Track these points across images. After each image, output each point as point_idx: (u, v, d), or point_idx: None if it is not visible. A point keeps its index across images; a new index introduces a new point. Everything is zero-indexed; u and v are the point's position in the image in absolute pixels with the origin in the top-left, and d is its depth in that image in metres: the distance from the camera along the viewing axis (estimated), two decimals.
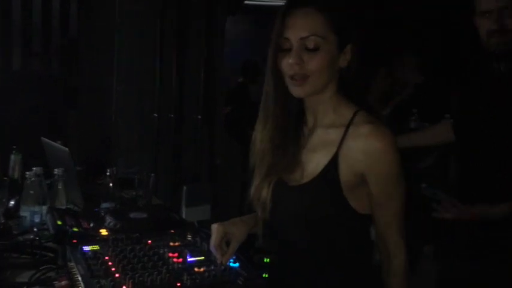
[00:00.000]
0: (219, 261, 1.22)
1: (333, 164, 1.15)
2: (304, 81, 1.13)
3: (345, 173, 1.14)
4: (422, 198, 1.67)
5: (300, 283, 1.22)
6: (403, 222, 1.18)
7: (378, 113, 2.58)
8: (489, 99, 1.70)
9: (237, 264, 1.28)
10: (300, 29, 1.12)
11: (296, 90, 1.15)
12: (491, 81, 1.71)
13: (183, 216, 2.27)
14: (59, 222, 1.49)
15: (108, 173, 1.96)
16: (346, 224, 1.18)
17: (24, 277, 1.28)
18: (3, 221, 1.63)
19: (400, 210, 1.17)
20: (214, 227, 1.23)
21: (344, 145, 1.15)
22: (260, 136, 1.22)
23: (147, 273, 1.17)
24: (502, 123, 1.64)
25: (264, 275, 1.30)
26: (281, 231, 1.25)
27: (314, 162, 1.18)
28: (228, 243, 1.23)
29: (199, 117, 3.85)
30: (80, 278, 1.15)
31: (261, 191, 1.22)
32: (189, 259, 1.30)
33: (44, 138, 2.03)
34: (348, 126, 1.16)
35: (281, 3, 1.20)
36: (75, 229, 1.45)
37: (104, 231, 1.52)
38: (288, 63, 1.13)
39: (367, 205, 1.17)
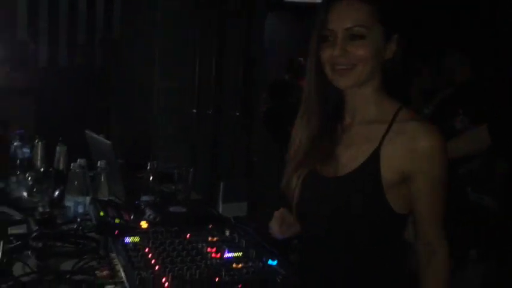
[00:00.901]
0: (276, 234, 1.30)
1: (374, 159, 1.13)
2: (350, 70, 1.11)
3: (387, 169, 1.12)
4: (468, 202, 1.62)
5: (325, 275, 1.23)
6: (445, 221, 1.16)
7: (419, 111, 2.50)
8: None
9: (275, 262, 1.27)
10: (345, 19, 1.11)
11: (341, 81, 1.14)
12: None
13: (220, 211, 2.29)
14: (102, 214, 1.53)
15: (148, 167, 1.98)
16: (379, 220, 1.16)
17: (67, 265, 1.32)
18: (48, 211, 1.68)
19: (444, 210, 1.15)
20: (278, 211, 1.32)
21: (387, 141, 1.13)
22: (298, 128, 1.23)
23: (186, 267, 1.17)
24: None
25: None
26: (310, 222, 1.25)
27: (352, 156, 1.17)
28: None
29: (238, 113, 3.86)
30: (120, 269, 1.17)
31: (291, 180, 1.24)
32: (227, 255, 1.30)
33: (88, 131, 2.08)
34: (391, 123, 1.14)
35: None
36: (117, 220, 1.47)
37: (144, 224, 1.54)
38: (332, 55, 1.12)
39: (404, 204, 1.15)
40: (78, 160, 1.79)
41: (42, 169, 1.90)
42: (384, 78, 1.18)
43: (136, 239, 1.36)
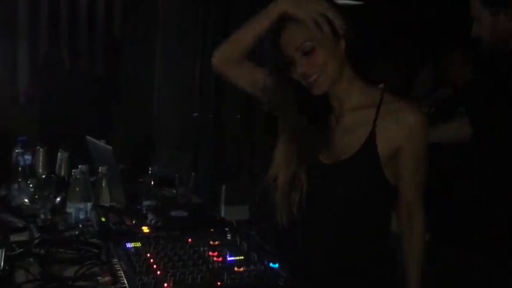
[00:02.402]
0: None
1: (371, 140, 1.25)
2: (319, 77, 1.24)
3: (383, 147, 1.25)
4: None
5: (332, 257, 1.31)
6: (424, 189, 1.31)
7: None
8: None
9: (277, 265, 1.27)
10: (293, 42, 1.23)
11: (317, 89, 1.26)
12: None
13: (222, 215, 2.30)
14: (103, 219, 1.53)
15: (149, 172, 1.99)
16: (380, 196, 1.29)
17: (70, 272, 1.31)
18: (50, 217, 1.68)
19: (424, 178, 1.30)
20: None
21: (379, 122, 1.25)
22: (291, 127, 1.32)
23: (187, 272, 1.18)
24: None
25: None
26: (319, 209, 1.32)
27: (350, 141, 1.28)
28: None
29: (239, 116, 3.87)
30: (122, 274, 1.17)
31: (294, 172, 1.30)
32: (229, 258, 1.30)
33: (89, 137, 2.08)
34: (379, 106, 1.27)
35: None
36: (118, 226, 1.48)
37: (145, 229, 1.54)
38: (299, 74, 1.25)
39: (395, 176, 1.28)
40: (80, 166, 1.79)
41: (43, 176, 1.90)
42: (356, 69, 1.30)
43: (138, 244, 1.37)
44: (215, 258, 1.30)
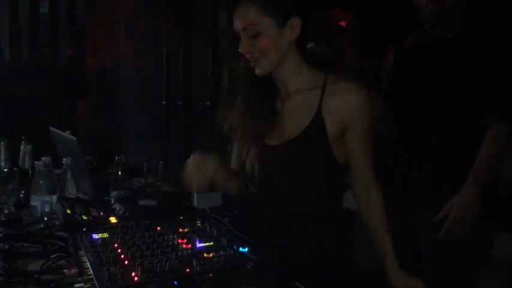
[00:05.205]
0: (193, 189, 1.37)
1: (318, 118, 1.30)
2: (258, 61, 1.30)
3: (330, 125, 1.29)
4: None
5: (288, 234, 1.36)
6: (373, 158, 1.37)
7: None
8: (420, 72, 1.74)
9: (246, 249, 1.27)
10: (240, 21, 1.28)
11: (257, 71, 1.32)
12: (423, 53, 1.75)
13: (195, 202, 2.27)
14: (69, 211, 1.50)
15: (116, 162, 1.95)
16: (329, 172, 1.35)
17: (35, 266, 1.29)
18: (14, 211, 1.64)
19: (372, 151, 1.36)
20: (192, 156, 1.39)
21: (325, 101, 1.30)
22: (237, 111, 1.37)
23: (156, 260, 1.16)
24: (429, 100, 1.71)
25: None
26: (271, 188, 1.37)
27: (297, 121, 1.32)
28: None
29: (208, 103, 3.84)
30: (89, 266, 1.15)
31: (245, 154, 1.36)
32: (198, 245, 1.29)
33: (52, 128, 2.03)
34: (324, 86, 1.32)
35: None
36: (84, 217, 1.45)
37: (113, 219, 1.52)
38: (241, 51, 1.29)
39: (343, 154, 1.34)
40: (43, 158, 1.75)
41: (5, 169, 1.84)
42: (307, 55, 1.35)
43: (105, 234, 1.34)
44: (184, 246, 1.29)
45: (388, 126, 1.94)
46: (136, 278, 1.08)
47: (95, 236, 1.33)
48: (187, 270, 1.14)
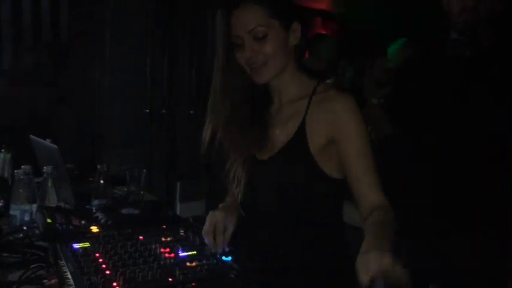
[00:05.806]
0: (213, 250, 1.27)
1: (301, 130, 1.24)
2: (263, 67, 1.23)
3: (314, 136, 1.23)
4: None
5: (277, 248, 1.29)
6: (380, 179, 1.21)
7: (368, 101, 2.56)
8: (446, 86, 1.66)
9: (229, 258, 1.26)
10: (245, 23, 1.22)
11: (259, 78, 1.26)
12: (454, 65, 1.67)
13: (178, 211, 2.27)
14: (49, 220, 1.47)
15: (97, 170, 1.93)
16: (317, 187, 1.25)
17: (14, 276, 1.26)
18: None
19: (374, 168, 1.21)
20: (210, 214, 1.31)
21: (310, 112, 1.25)
22: (226, 122, 1.30)
23: (138, 269, 1.15)
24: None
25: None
26: (257, 204, 1.33)
27: (282, 134, 1.28)
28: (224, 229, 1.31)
29: (192, 112, 3.83)
30: (69, 276, 1.14)
31: (235, 168, 1.31)
32: (181, 254, 1.29)
33: (33, 136, 2.00)
34: (311, 96, 1.27)
35: None
36: (65, 227, 1.43)
37: (95, 228, 1.50)
38: (245, 58, 1.24)
39: (337, 169, 1.24)
40: (23, 167, 1.72)
41: None
42: (301, 62, 1.32)
43: (87, 244, 1.33)
44: (167, 255, 1.28)
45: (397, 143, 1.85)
46: None
47: (76, 245, 1.31)
48: (170, 279, 1.13)
